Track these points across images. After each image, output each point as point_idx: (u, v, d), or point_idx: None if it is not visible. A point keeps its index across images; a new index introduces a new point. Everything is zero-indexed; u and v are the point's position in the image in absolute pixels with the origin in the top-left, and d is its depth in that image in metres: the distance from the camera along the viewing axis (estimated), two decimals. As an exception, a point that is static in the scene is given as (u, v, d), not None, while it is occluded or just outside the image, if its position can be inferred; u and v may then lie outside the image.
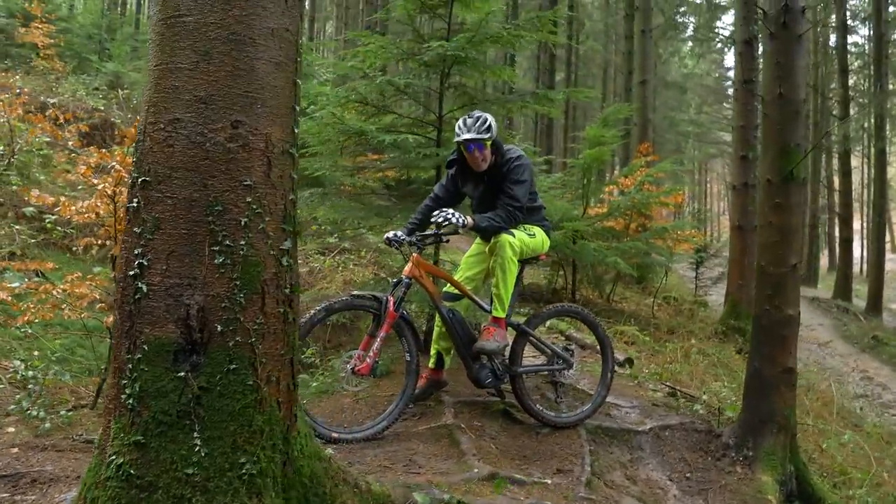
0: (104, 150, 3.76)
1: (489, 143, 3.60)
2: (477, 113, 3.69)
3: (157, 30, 2.07)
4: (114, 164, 3.64)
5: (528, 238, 3.64)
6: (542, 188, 8.36)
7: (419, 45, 5.30)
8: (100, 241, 3.77)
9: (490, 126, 3.59)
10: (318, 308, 3.21)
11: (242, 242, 1.98)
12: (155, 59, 2.06)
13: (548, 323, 5.89)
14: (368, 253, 8.21)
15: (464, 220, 3.50)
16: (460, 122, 3.65)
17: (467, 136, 3.54)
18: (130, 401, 1.90)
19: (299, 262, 7.57)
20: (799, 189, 3.76)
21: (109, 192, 3.51)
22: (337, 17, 28.00)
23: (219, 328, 1.89)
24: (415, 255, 3.52)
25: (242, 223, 1.99)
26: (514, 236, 3.51)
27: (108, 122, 9.43)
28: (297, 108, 2.24)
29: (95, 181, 3.72)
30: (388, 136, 5.01)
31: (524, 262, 3.80)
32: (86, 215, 3.62)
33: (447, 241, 3.71)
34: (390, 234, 3.60)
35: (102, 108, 9.98)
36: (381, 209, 5.53)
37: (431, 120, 5.56)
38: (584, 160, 7.93)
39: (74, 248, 5.73)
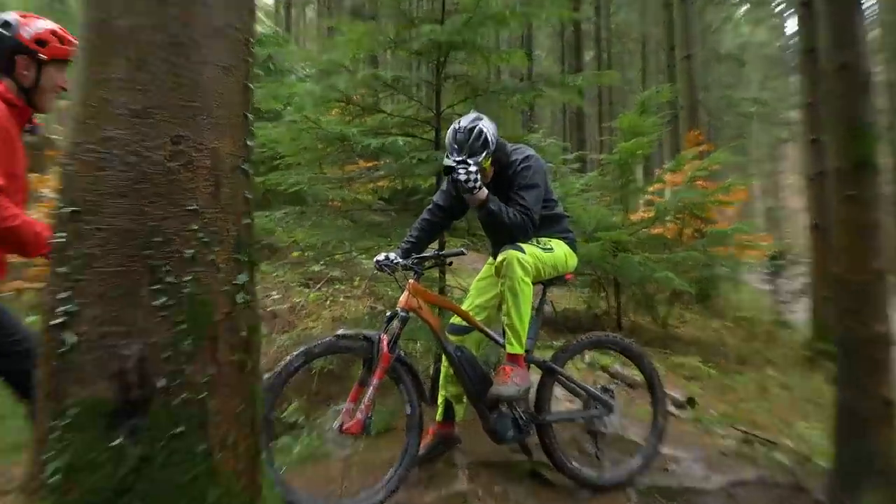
0: (38, 175, 3.80)
1: (487, 159, 3.56)
2: (467, 120, 3.62)
3: (86, 36, 2.10)
4: (45, 191, 3.66)
5: (544, 253, 3.61)
6: (573, 192, 8.37)
7: (409, 31, 5.39)
8: (30, 285, 3.75)
9: (485, 138, 3.53)
10: (295, 353, 3.23)
11: (188, 279, 1.97)
12: (83, 69, 2.08)
13: (587, 357, 5.84)
14: (363, 282, 8.27)
15: (477, 183, 3.42)
16: (449, 136, 3.61)
17: (452, 161, 3.43)
18: (56, 477, 1.86)
19: (279, 297, 7.62)
20: (874, 178, 3.62)
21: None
22: (318, 2, 27.93)
23: (161, 383, 1.86)
24: (411, 281, 3.50)
25: (187, 255, 1.98)
26: (523, 252, 3.47)
27: (47, 141, 10.39)
28: (250, 117, 2.22)
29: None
30: (374, 139, 5.07)
31: (546, 283, 3.78)
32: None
33: (450, 263, 3.70)
34: (381, 257, 3.61)
35: (40, 121, 11.06)
36: (376, 227, 5.54)
37: (427, 118, 5.60)
38: (619, 155, 7.85)
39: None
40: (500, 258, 3.51)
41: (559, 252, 3.74)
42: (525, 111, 23.22)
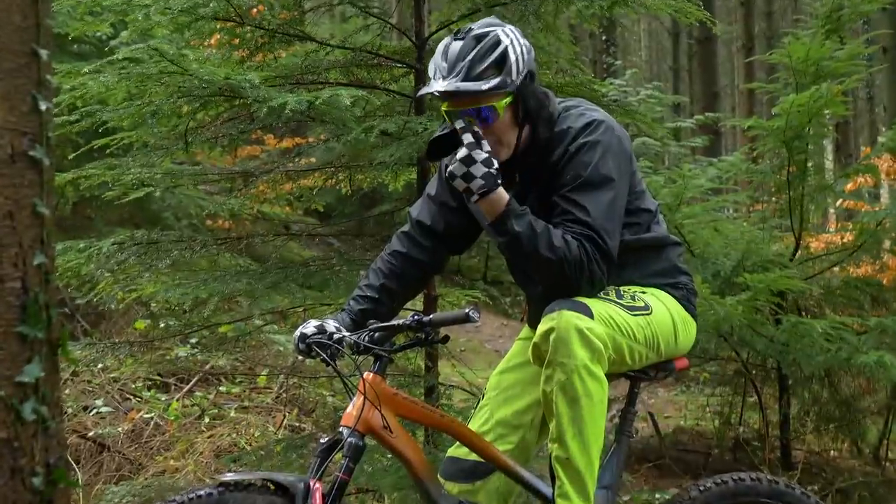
0: None
1: (505, 100, 3.58)
2: (480, 25, 3.60)
3: None
4: None
5: (631, 316, 3.63)
6: (692, 193, 8.18)
7: None
8: None
9: (506, 56, 3.55)
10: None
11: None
12: None
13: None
14: (274, 379, 8.07)
15: (494, 179, 3.54)
16: (438, 50, 3.59)
17: (443, 84, 3.53)
18: None
19: (108, 410, 7.42)
20: None
21: None
22: None
23: None
24: (370, 374, 3.56)
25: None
26: (589, 315, 3.49)
27: None
28: (45, 53, 2.34)
29: None
30: (293, 95, 4.94)
31: (636, 376, 3.80)
32: None
33: (445, 339, 3.64)
34: (310, 329, 3.65)
35: None
36: (300, 269, 5.41)
37: (400, 50, 5.47)
38: (784, 119, 7.39)
39: None
40: (543, 326, 3.50)
41: (661, 315, 3.77)
42: (598, 34, 23.47)
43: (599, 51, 23.65)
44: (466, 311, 3.48)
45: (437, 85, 3.49)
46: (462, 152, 3.35)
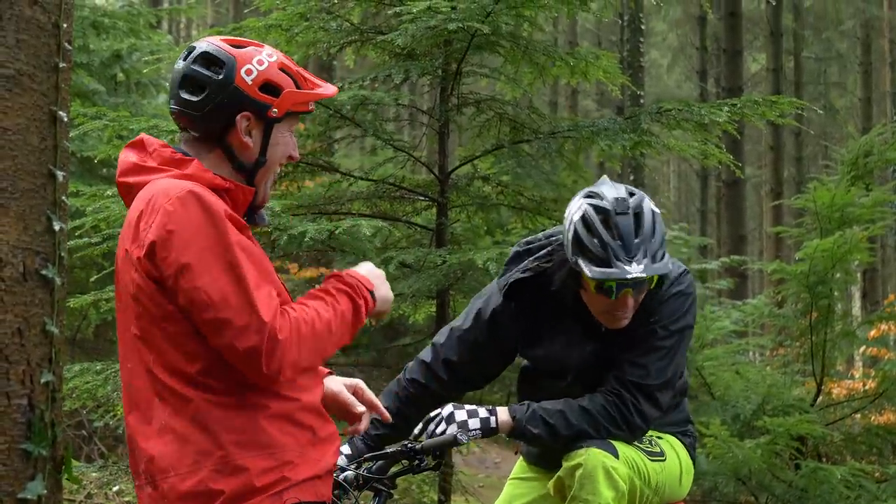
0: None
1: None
2: (625, 194, 3.61)
3: None
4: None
5: (650, 461, 3.63)
6: (714, 335, 8.20)
7: (386, 10, 5.40)
8: None
9: (664, 236, 3.64)
10: None
11: None
12: None
13: None
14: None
15: (488, 422, 3.54)
16: (594, 226, 3.53)
17: (639, 270, 3.50)
18: None
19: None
20: None
21: None
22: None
23: None
24: None
25: None
26: (616, 456, 3.49)
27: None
28: (61, 175, 2.37)
29: None
30: (313, 225, 4.97)
31: None
32: None
33: (437, 467, 3.60)
34: None
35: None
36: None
37: (423, 183, 5.54)
38: (808, 264, 7.57)
39: None
40: (569, 462, 3.54)
41: (672, 462, 3.78)
42: (626, 174, 23.57)
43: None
44: (455, 434, 3.52)
45: (632, 270, 3.49)
46: (451, 429, 3.58)
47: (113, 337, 10.73)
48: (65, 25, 2.79)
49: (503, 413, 3.58)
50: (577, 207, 3.62)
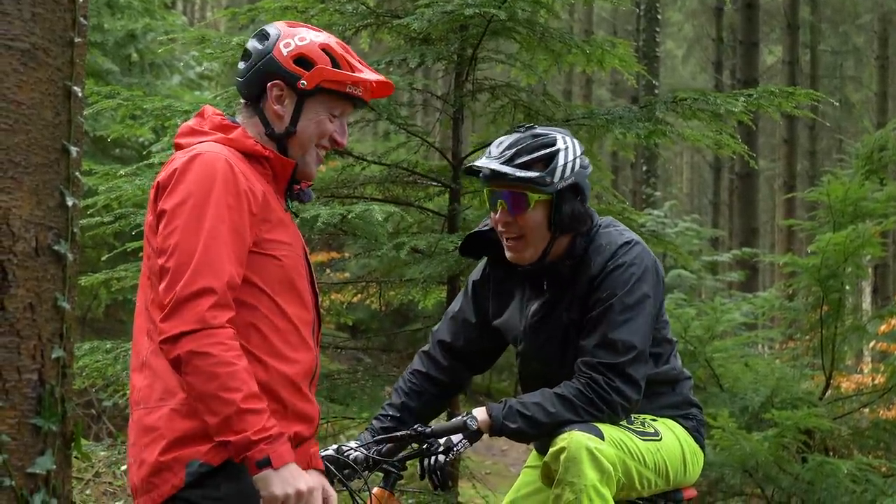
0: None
1: (539, 196, 3.60)
2: (537, 129, 3.71)
3: None
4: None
5: (642, 442, 3.62)
6: (724, 327, 8.21)
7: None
8: None
9: (554, 158, 3.60)
10: None
11: None
12: None
13: None
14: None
15: (468, 427, 3.53)
16: (493, 143, 3.67)
17: (489, 162, 3.60)
18: None
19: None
20: None
21: None
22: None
23: None
24: (378, 490, 3.56)
25: None
26: (599, 436, 3.48)
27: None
28: (76, 150, 2.40)
29: None
30: (326, 209, 4.98)
31: None
32: None
33: (446, 452, 3.61)
34: (328, 453, 3.57)
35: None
36: (324, 383, 5.36)
37: (436, 169, 5.53)
38: (819, 258, 7.52)
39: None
40: (554, 447, 3.51)
41: (671, 442, 3.75)
42: (639, 164, 23.52)
43: (640, 181, 23.71)
44: (464, 419, 3.56)
45: (479, 161, 3.60)
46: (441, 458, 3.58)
47: (123, 317, 10.74)
48: (80, 0, 2.77)
49: (481, 413, 3.60)
50: None
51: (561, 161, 3.55)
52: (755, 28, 20.08)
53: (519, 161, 3.55)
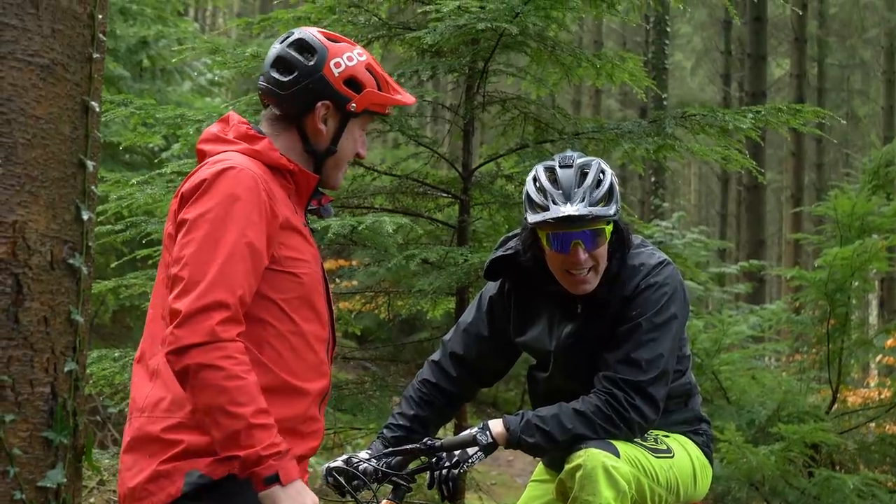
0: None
1: (609, 227, 3.61)
2: (578, 156, 3.63)
3: None
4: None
5: (655, 458, 3.61)
6: (731, 339, 8.17)
7: (415, 6, 5.39)
8: None
9: (613, 190, 3.60)
10: None
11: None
12: None
13: None
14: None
15: (483, 439, 3.52)
16: (540, 178, 3.58)
17: (573, 209, 3.50)
18: None
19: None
20: None
21: None
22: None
23: None
24: (386, 503, 3.52)
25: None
26: (616, 455, 3.46)
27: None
28: (91, 164, 2.42)
29: None
30: (336, 220, 4.99)
31: None
32: None
33: (456, 465, 3.59)
34: (337, 464, 3.61)
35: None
36: (331, 393, 5.42)
37: (446, 179, 5.52)
38: (827, 272, 7.58)
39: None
40: (569, 463, 3.50)
41: (683, 459, 3.74)
42: (647, 175, 23.49)
43: (648, 192, 23.70)
44: (475, 433, 3.56)
45: (565, 209, 3.49)
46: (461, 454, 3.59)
47: (130, 323, 10.72)
48: (100, 16, 2.80)
49: (497, 426, 3.58)
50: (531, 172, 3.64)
51: (616, 187, 3.60)
52: (763, 41, 20.12)
53: (597, 199, 3.56)
